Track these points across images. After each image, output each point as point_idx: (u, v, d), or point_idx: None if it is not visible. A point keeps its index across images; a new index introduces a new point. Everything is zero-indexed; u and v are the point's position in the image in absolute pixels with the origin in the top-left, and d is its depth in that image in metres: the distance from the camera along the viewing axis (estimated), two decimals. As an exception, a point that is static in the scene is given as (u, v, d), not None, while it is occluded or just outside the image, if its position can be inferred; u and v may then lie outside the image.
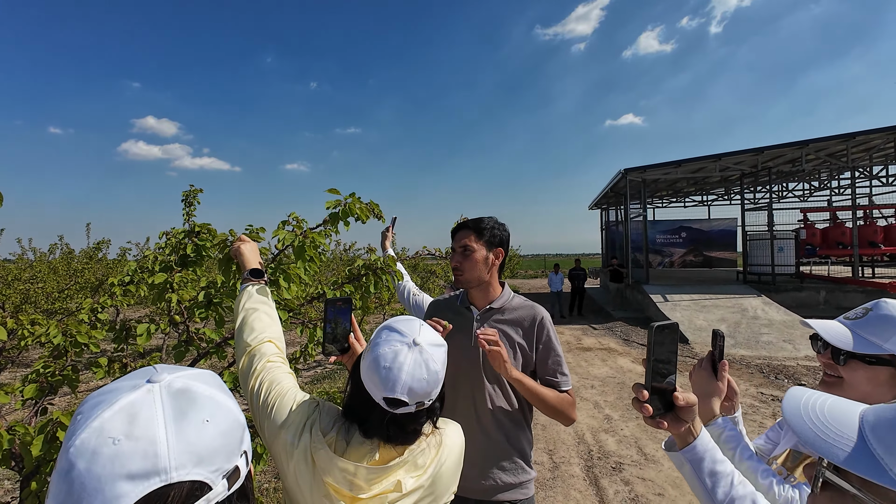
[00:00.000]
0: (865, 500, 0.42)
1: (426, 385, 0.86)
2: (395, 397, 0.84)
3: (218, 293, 1.56)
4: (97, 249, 7.76)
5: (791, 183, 17.61)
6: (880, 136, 11.53)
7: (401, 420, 0.88)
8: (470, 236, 1.55)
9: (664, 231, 21.11)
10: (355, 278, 1.81)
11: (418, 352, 0.88)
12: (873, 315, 1.01)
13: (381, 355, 0.86)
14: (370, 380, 0.87)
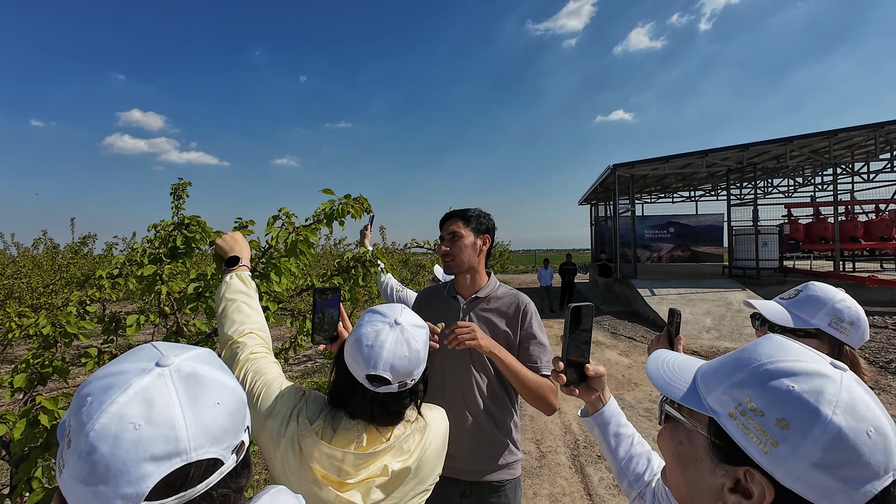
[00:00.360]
0: (688, 424, 0.56)
1: (408, 363, 0.90)
2: (378, 374, 0.87)
3: (207, 285, 1.58)
4: (83, 244, 7.66)
5: (776, 179, 17.92)
6: (861, 134, 11.78)
7: (384, 399, 0.91)
8: (458, 223, 1.60)
9: (652, 226, 21.34)
10: (344, 270, 1.84)
11: (399, 331, 0.91)
12: (803, 296, 1.19)
13: (363, 334, 0.90)
14: (353, 359, 0.90)
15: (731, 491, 0.51)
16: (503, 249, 21.98)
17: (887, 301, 10.90)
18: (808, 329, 1.15)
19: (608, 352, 7.54)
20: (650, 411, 4.86)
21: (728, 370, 0.54)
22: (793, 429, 0.47)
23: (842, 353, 1.15)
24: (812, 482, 0.46)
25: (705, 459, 0.54)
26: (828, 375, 0.49)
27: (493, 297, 1.62)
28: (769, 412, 0.48)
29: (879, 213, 14.27)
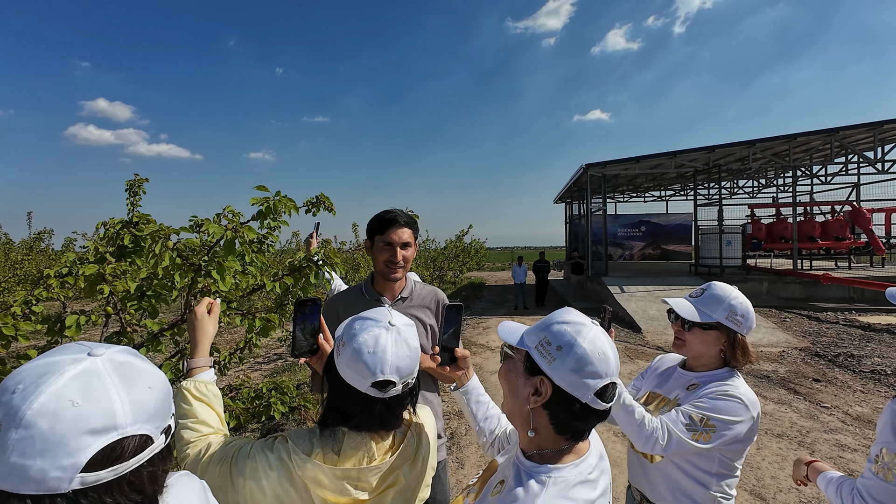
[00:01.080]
0: (515, 357, 0.88)
1: (410, 362, 0.91)
2: (386, 378, 0.88)
3: (151, 285, 1.56)
4: (38, 240, 7.34)
5: (742, 180, 18.60)
6: (819, 138, 12.35)
7: (391, 404, 0.92)
8: (410, 233, 1.64)
9: (625, 225, 21.92)
10: (296, 270, 1.84)
11: (396, 332, 0.92)
12: (707, 294, 1.42)
13: (362, 343, 0.89)
14: (355, 370, 0.88)
15: (532, 394, 0.83)
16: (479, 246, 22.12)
17: (839, 298, 11.49)
18: (710, 322, 1.38)
19: (577, 348, 7.72)
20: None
21: (539, 325, 0.88)
22: (562, 350, 0.80)
23: (735, 341, 1.38)
24: (569, 380, 0.79)
25: (521, 376, 0.86)
26: (586, 325, 0.83)
27: (416, 294, 1.72)
28: (553, 342, 0.82)
29: (835, 214, 15.00)
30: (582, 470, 0.80)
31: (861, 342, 7.48)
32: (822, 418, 4.48)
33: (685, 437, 1.26)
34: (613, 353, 0.82)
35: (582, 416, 0.80)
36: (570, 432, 0.81)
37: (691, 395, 1.37)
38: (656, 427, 1.27)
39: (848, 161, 14.40)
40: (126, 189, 3.49)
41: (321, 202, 2.70)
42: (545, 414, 0.81)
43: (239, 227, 1.47)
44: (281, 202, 1.53)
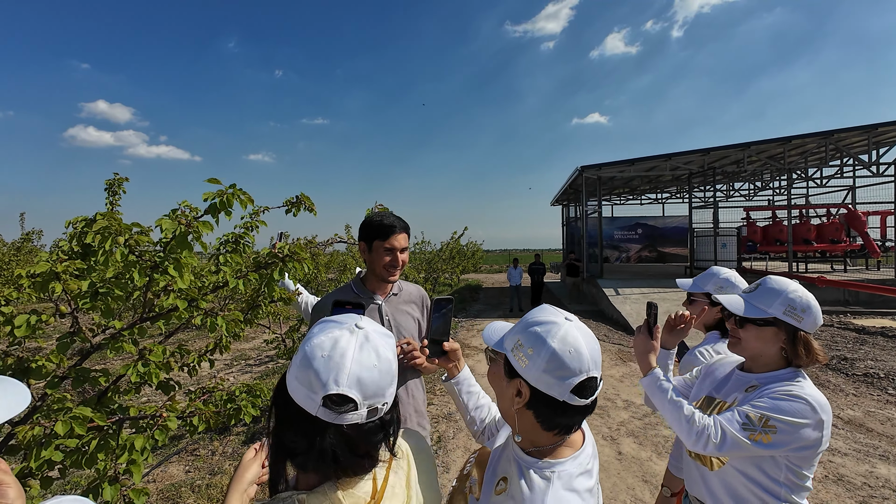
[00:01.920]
0: (497, 360, 0.90)
1: (378, 375, 0.70)
2: (340, 392, 0.67)
3: (105, 283, 1.50)
4: (27, 240, 7.27)
5: (737, 183, 18.61)
6: (814, 141, 12.35)
7: (350, 436, 0.70)
8: (406, 237, 1.77)
9: (621, 227, 21.88)
10: (261, 266, 1.79)
11: (364, 336, 0.73)
12: (761, 288, 1.34)
13: (315, 345, 0.70)
14: (303, 381, 0.69)
15: (515, 395, 0.84)
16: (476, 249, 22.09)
17: (834, 301, 11.46)
18: (766, 318, 1.29)
19: (570, 350, 7.66)
20: (603, 408, 4.95)
21: (516, 327, 0.89)
22: (534, 352, 0.81)
23: (797, 338, 1.27)
24: (544, 381, 0.80)
25: (504, 378, 0.88)
26: (557, 323, 0.83)
27: (403, 290, 1.86)
28: (525, 345, 0.83)
29: (830, 216, 15.00)
30: (581, 462, 0.85)
31: (855, 345, 7.44)
32: (814, 422, 4.44)
33: (741, 437, 1.16)
34: (589, 348, 0.82)
35: (564, 413, 0.83)
36: (557, 428, 0.84)
37: (749, 396, 1.28)
38: (708, 425, 1.20)
39: (843, 164, 14.43)
40: (105, 188, 3.43)
41: (301, 202, 2.64)
42: (530, 413, 0.84)
43: (192, 222, 1.42)
44: (235, 195, 1.47)
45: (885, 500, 3.06)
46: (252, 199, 1.55)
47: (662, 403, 1.31)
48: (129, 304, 1.85)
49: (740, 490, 1.25)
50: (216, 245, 2.21)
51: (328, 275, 6.46)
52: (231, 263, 1.90)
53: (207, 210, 1.49)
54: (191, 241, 1.41)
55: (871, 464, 3.57)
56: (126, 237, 1.38)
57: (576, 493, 0.80)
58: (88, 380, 1.69)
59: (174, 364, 2.03)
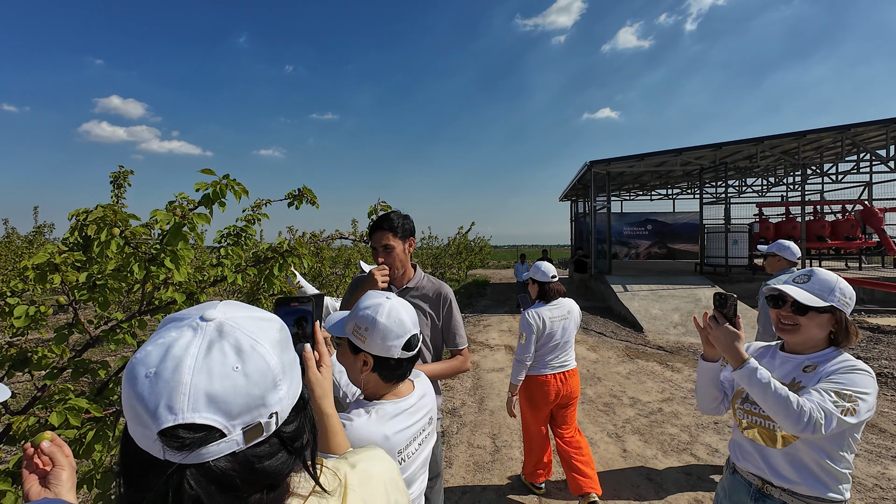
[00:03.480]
0: (343, 343, 1.16)
1: (243, 381, 0.49)
2: (181, 422, 0.46)
3: (103, 276, 1.50)
4: (38, 233, 7.38)
5: (750, 178, 18.29)
6: (830, 135, 12.07)
7: (225, 476, 0.48)
8: (388, 235, 1.82)
9: (631, 223, 21.69)
10: (260, 261, 1.78)
11: (214, 330, 0.51)
12: (816, 279, 1.47)
13: (138, 362, 0.49)
14: (130, 413, 0.48)
15: (362, 365, 1.11)
16: (483, 244, 22.03)
17: (849, 299, 11.24)
18: (825, 306, 1.41)
19: (577, 347, 7.61)
20: (609, 405, 4.91)
21: (349, 315, 1.15)
22: (369, 330, 1.09)
23: (847, 322, 1.43)
24: (381, 348, 1.09)
25: (351, 355, 1.13)
26: (381, 303, 1.12)
27: (420, 286, 1.92)
28: (361, 326, 1.10)
29: (846, 213, 14.69)
30: (401, 406, 1.12)
31: (869, 344, 7.29)
32: (824, 422, 4.36)
33: (839, 414, 1.26)
34: (408, 314, 1.14)
35: (399, 367, 1.13)
36: (394, 379, 1.14)
37: (812, 375, 1.41)
38: (812, 408, 1.25)
39: (860, 159, 14.09)
40: (111, 181, 3.44)
41: (304, 195, 2.63)
42: (374, 374, 1.12)
43: (188, 214, 1.41)
44: (229, 185, 1.46)
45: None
46: (247, 191, 1.54)
47: (764, 394, 1.30)
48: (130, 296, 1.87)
49: (808, 463, 1.37)
50: (217, 238, 2.21)
51: (334, 270, 6.49)
52: (232, 257, 1.90)
53: (201, 201, 1.48)
54: (186, 233, 1.40)
55: (884, 465, 3.50)
56: (122, 228, 1.37)
57: (389, 425, 1.07)
58: (88, 371, 1.70)
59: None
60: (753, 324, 8.48)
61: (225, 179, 1.46)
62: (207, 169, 1.41)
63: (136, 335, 1.69)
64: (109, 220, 1.37)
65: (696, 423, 4.34)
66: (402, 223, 1.85)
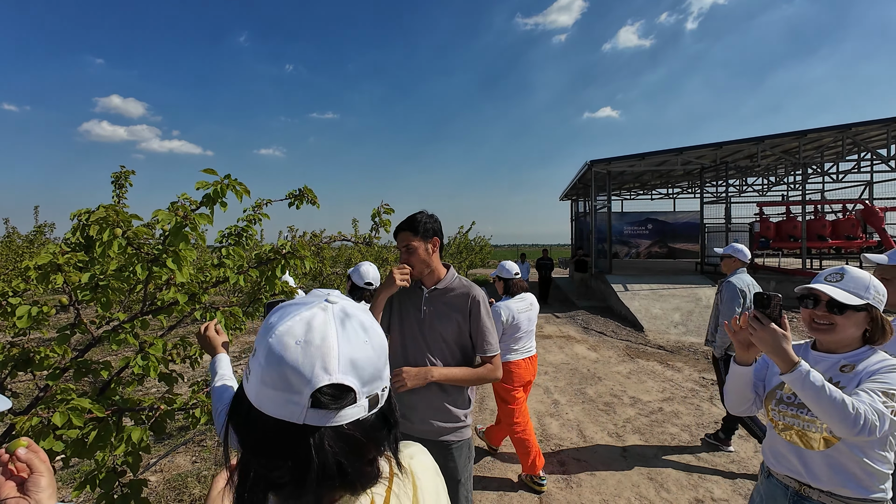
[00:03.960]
0: None
1: (372, 353, 0.56)
2: (333, 381, 0.52)
3: (106, 276, 1.51)
4: (39, 233, 7.39)
5: (751, 178, 18.27)
6: (830, 135, 12.06)
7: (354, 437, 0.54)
8: (409, 235, 1.83)
9: (631, 223, 21.66)
10: (262, 262, 1.78)
11: (340, 310, 0.58)
12: (849, 277, 1.44)
13: (283, 334, 0.55)
14: (276, 383, 0.53)
15: None
16: (484, 244, 22.02)
17: (849, 298, 11.23)
18: (861, 304, 1.40)
19: (577, 346, 7.61)
20: (609, 405, 4.91)
21: None
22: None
23: (882, 319, 1.42)
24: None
25: None
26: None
27: (450, 288, 1.90)
28: None
29: (846, 212, 14.67)
30: None
31: (869, 344, 7.30)
32: (825, 421, 4.36)
33: (892, 416, 1.23)
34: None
35: None
36: None
37: (852, 376, 1.39)
38: (866, 411, 1.22)
39: (861, 158, 14.07)
40: (112, 181, 3.44)
41: (304, 195, 2.63)
42: None
43: (189, 214, 1.41)
44: (231, 185, 1.46)
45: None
46: (248, 190, 1.54)
47: (818, 398, 1.24)
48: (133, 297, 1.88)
49: (848, 465, 1.35)
50: (218, 238, 2.21)
51: (335, 269, 6.49)
52: (233, 257, 1.91)
53: (202, 201, 1.48)
54: (187, 233, 1.40)
55: (884, 465, 3.50)
56: (124, 229, 1.38)
57: None
58: (90, 372, 1.70)
59: (176, 357, 2.04)
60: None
61: (226, 179, 1.46)
62: (209, 169, 1.41)
63: (139, 335, 1.69)
64: (112, 220, 1.37)
65: (696, 423, 4.35)
66: (425, 224, 1.86)
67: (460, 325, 1.85)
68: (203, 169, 1.41)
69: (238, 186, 1.48)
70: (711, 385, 5.51)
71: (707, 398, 5.05)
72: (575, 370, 6.20)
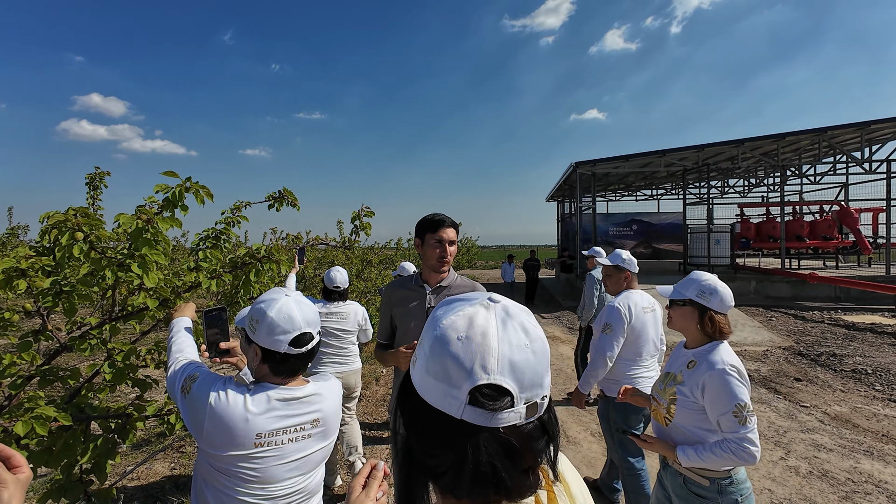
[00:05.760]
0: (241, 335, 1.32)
1: (532, 357, 0.53)
2: (491, 382, 0.50)
3: (68, 281, 1.47)
4: (12, 235, 7.18)
5: (732, 179, 18.64)
6: (808, 137, 12.36)
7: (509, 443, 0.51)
8: (454, 233, 1.95)
9: (616, 223, 21.90)
10: (237, 267, 1.76)
11: (503, 310, 0.56)
12: (685, 278, 1.78)
13: (447, 326, 0.54)
14: (437, 373, 0.53)
15: (254, 356, 1.20)
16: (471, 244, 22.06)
17: (826, 297, 11.52)
18: (683, 299, 1.73)
19: (562, 346, 7.66)
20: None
21: (251, 307, 1.22)
22: (259, 322, 1.19)
23: (705, 315, 1.70)
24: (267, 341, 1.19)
25: (246, 345, 1.22)
26: (277, 299, 1.20)
27: (453, 285, 1.98)
28: (254, 318, 1.18)
29: (823, 213, 15.05)
30: (282, 393, 1.19)
31: (844, 341, 7.48)
32: (801, 418, 4.46)
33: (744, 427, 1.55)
34: (302, 313, 1.20)
35: (285, 362, 1.19)
36: (283, 374, 1.21)
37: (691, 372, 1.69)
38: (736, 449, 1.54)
39: (836, 161, 14.45)
40: (86, 183, 3.35)
41: (284, 197, 2.60)
42: (265, 366, 1.20)
43: (152, 218, 1.38)
44: (192, 188, 1.43)
45: (867, 495, 3.08)
46: (211, 194, 1.52)
47: (709, 463, 1.57)
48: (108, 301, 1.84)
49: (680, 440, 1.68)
50: (195, 241, 2.17)
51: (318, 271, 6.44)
52: (211, 260, 1.88)
53: (162, 204, 1.45)
54: (150, 238, 1.37)
55: (856, 459, 3.59)
56: (87, 232, 1.34)
57: (256, 408, 1.15)
58: (58, 379, 1.66)
59: (150, 361, 2.00)
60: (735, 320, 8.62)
61: (188, 182, 1.43)
62: (170, 172, 1.38)
63: (108, 341, 1.66)
64: (72, 223, 1.34)
65: (677, 421, 4.41)
66: (457, 225, 1.98)
67: None
68: (163, 171, 1.38)
69: (200, 190, 1.45)
70: (692, 384, 5.60)
71: (688, 397, 5.13)
72: (559, 370, 6.24)
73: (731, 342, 7.69)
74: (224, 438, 1.12)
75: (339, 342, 3.28)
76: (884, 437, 4.02)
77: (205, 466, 1.19)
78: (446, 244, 1.91)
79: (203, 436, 1.14)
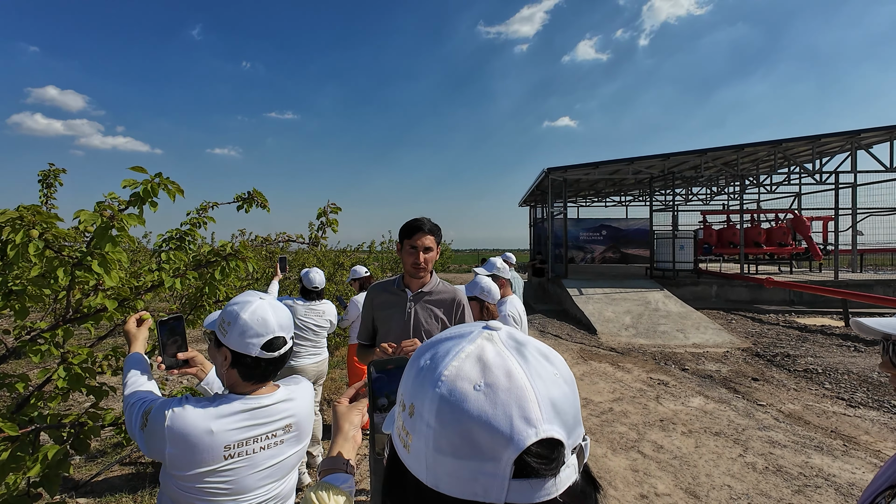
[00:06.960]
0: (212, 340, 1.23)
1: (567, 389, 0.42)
2: (543, 436, 0.37)
3: (18, 282, 1.39)
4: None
5: (696, 187, 19.41)
6: (764, 149, 13.03)
7: None
8: (432, 239, 1.92)
9: (587, 229, 22.43)
10: (201, 265, 1.70)
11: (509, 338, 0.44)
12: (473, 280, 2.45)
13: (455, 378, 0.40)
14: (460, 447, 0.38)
15: (223, 360, 1.14)
16: (444, 248, 22.10)
17: (781, 301, 12.14)
18: (473, 296, 2.28)
19: (534, 349, 7.76)
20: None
21: (223, 309, 1.17)
22: (230, 325, 1.12)
23: (484, 307, 2.31)
24: (238, 343, 1.12)
25: (214, 350, 1.17)
26: (251, 301, 1.15)
27: (435, 291, 1.99)
28: (226, 320, 1.13)
29: (778, 221, 15.87)
30: (249, 404, 1.14)
31: (797, 342, 7.90)
32: (758, 416, 4.67)
33: None
34: (276, 316, 1.15)
35: (258, 367, 1.13)
36: (253, 379, 1.16)
37: None
38: None
39: (790, 171, 15.31)
40: (39, 180, 3.18)
41: (254, 198, 2.53)
42: (234, 371, 1.14)
43: (117, 214, 1.32)
44: (162, 184, 1.38)
45: (818, 489, 3.25)
46: (181, 190, 1.47)
47: None
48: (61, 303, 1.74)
49: None
50: (158, 242, 2.09)
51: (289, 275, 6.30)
52: (173, 261, 1.80)
53: (130, 200, 1.39)
54: (114, 236, 1.31)
55: (807, 454, 3.79)
56: (42, 230, 1.27)
57: (221, 421, 1.09)
58: (4, 385, 1.56)
59: (107, 368, 1.91)
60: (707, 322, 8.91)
61: (157, 177, 1.38)
62: (138, 167, 1.33)
63: (61, 345, 1.57)
64: (28, 221, 1.26)
65: (643, 422, 4.54)
66: (439, 229, 1.96)
67: (445, 325, 1.94)
68: (131, 166, 1.33)
69: (170, 185, 1.40)
70: (658, 385, 5.78)
71: (654, 397, 5.29)
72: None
73: (696, 344, 8.00)
74: (188, 457, 1.07)
75: (315, 336, 3.58)
76: (832, 432, 4.25)
77: (171, 489, 1.12)
78: (420, 251, 1.89)
79: (167, 461, 1.08)
